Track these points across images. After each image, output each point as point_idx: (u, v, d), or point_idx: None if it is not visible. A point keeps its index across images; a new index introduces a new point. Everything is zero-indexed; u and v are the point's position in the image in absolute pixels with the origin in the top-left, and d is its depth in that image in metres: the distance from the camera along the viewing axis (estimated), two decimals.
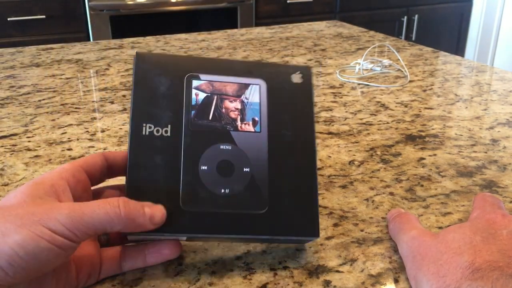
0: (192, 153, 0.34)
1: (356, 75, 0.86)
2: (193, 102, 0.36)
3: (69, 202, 0.31)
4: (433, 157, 0.55)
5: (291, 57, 0.99)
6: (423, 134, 0.61)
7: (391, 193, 0.48)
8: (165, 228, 0.33)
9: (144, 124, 0.34)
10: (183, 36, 1.20)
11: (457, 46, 3.03)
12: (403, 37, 2.78)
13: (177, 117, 0.35)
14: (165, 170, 0.34)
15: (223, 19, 2.37)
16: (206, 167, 0.34)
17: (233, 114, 0.36)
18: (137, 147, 0.34)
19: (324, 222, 0.43)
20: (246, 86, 0.37)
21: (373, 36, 1.18)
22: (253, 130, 0.36)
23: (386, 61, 0.91)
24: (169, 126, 0.35)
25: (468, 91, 0.78)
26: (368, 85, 0.81)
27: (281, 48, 1.07)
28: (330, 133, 0.62)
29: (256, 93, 0.37)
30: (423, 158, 0.55)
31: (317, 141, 0.59)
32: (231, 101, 0.36)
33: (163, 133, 0.34)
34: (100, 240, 0.37)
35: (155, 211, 0.32)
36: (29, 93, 0.79)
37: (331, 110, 0.70)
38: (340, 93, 0.77)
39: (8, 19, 2.02)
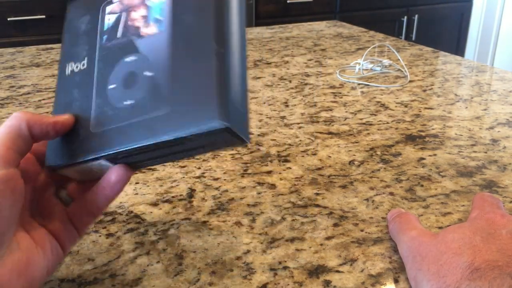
0: (103, 76, 0.34)
1: (356, 75, 0.86)
2: (106, 27, 0.35)
3: None
4: (433, 157, 0.55)
5: (291, 57, 0.99)
6: (423, 134, 0.61)
7: (391, 193, 0.48)
8: (76, 153, 0.33)
9: (67, 64, 0.35)
10: None
11: (457, 46, 3.03)
12: (403, 37, 2.78)
13: (92, 47, 0.35)
14: (80, 101, 0.34)
15: None
16: (114, 85, 0.33)
17: (138, 23, 0.34)
18: (61, 89, 0.35)
19: (324, 222, 0.43)
20: None
21: (373, 36, 1.18)
22: (156, 31, 0.33)
23: (386, 61, 0.91)
24: (86, 58, 0.35)
25: (468, 91, 0.78)
26: (368, 85, 0.81)
27: (281, 48, 1.07)
28: (330, 133, 0.62)
29: None
30: (423, 158, 0.55)
31: (317, 141, 0.60)
32: (136, 10, 0.34)
33: (81, 67, 0.35)
34: (64, 202, 0.35)
35: (58, 116, 0.32)
36: (29, 93, 0.79)
37: (331, 110, 0.70)
38: (340, 93, 0.77)
39: (8, 19, 2.02)
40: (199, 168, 0.53)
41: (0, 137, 0.29)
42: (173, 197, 0.47)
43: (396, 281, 0.36)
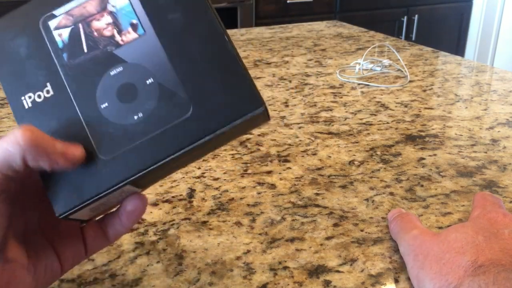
0: (85, 97, 0.30)
1: (356, 75, 0.86)
2: (60, 45, 0.30)
3: None
4: (433, 157, 0.55)
5: (291, 57, 0.99)
6: (423, 134, 0.61)
7: (391, 193, 0.48)
8: (95, 185, 0.29)
9: (23, 98, 0.30)
10: None
11: (457, 46, 3.03)
12: (403, 37, 2.78)
13: (51, 70, 0.30)
14: (66, 130, 0.29)
15: (223, 19, 2.36)
16: (106, 103, 0.29)
17: (107, 32, 0.30)
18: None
19: (324, 222, 0.43)
20: None
21: (373, 36, 1.18)
22: (136, 35, 0.30)
23: (386, 61, 0.91)
24: (48, 84, 0.30)
25: (468, 91, 0.78)
26: (368, 85, 0.81)
27: (281, 48, 1.07)
28: (330, 133, 0.62)
29: None
30: (423, 158, 0.55)
31: (317, 141, 0.60)
32: (98, 20, 0.30)
33: (45, 94, 0.30)
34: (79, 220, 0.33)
35: (68, 146, 0.27)
36: None
37: (331, 110, 0.70)
38: (340, 93, 0.77)
39: None
40: (199, 168, 0.53)
41: None
42: (173, 197, 0.47)
43: (396, 281, 0.36)
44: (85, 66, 0.30)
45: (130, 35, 0.30)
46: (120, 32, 0.30)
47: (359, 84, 0.82)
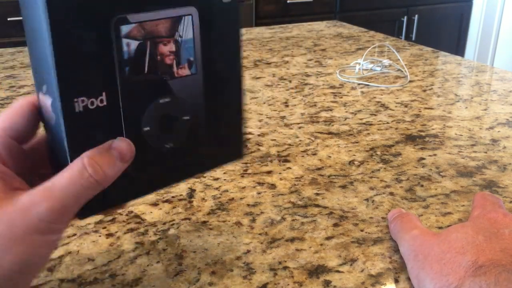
0: (133, 117, 0.30)
1: (356, 75, 0.86)
2: (125, 56, 0.29)
3: (35, 190, 0.27)
4: (433, 157, 0.55)
5: (291, 57, 0.99)
6: (423, 134, 0.61)
7: (391, 193, 0.48)
8: (116, 199, 0.31)
9: (76, 100, 0.28)
10: None
11: (457, 46, 3.03)
12: (403, 37, 2.78)
13: (110, 80, 0.29)
14: (104, 142, 0.30)
15: None
16: (148, 128, 0.31)
17: (168, 60, 0.31)
18: (73, 130, 0.28)
19: (324, 222, 0.43)
20: (179, 19, 0.31)
21: (373, 36, 1.18)
22: (189, 73, 0.32)
23: (386, 61, 0.91)
24: (104, 93, 0.29)
25: (468, 91, 0.78)
26: (368, 85, 0.81)
27: (281, 48, 1.07)
28: (330, 133, 0.62)
29: (189, 27, 0.31)
30: (423, 158, 0.55)
31: (317, 141, 0.60)
32: (165, 44, 0.31)
33: (99, 103, 0.29)
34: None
35: (119, 146, 0.29)
36: (29, 93, 0.79)
37: (331, 110, 0.70)
38: (340, 93, 0.77)
39: (8, 19, 2.02)
40: None
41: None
42: (173, 197, 0.47)
43: (396, 281, 0.36)
44: (140, 87, 0.30)
45: (185, 71, 0.32)
46: (178, 64, 0.31)
47: (359, 84, 0.82)
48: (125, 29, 0.29)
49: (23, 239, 0.25)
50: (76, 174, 0.26)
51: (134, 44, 0.29)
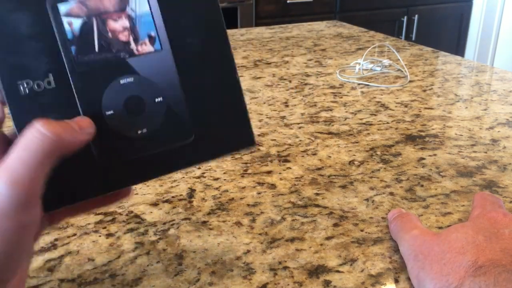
0: (90, 99, 0.28)
1: (356, 75, 0.86)
2: (69, 35, 0.28)
3: None
4: (433, 157, 0.55)
5: (291, 57, 0.99)
6: (423, 134, 0.61)
7: (391, 193, 0.48)
8: (86, 191, 0.29)
9: (19, 82, 0.27)
10: None
11: (457, 46, 3.04)
12: (403, 37, 2.78)
13: (55, 60, 0.28)
14: None
15: None
16: (112, 111, 0.29)
17: (122, 36, 0.29)
18: (21, 114, 0.27)
19: (324, 222, 0.43)
20: None
21: (373, 36, 1.18)
22: (152, 49, 0.29)
23: (386, 61, 0.91)
24: (50, 75, 0.28)
25: (468, 91, 0.78)
26: (368, 85, 0.81)
27: (281, 48, 1.07)
28: (330, 133, 0.62)
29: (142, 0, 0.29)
30: (423, 158, 0.55)
31: (317, 141, 0.60)
32: (115, 20, 0.29)
33: (46, 85, 0.28)
34: None
35: (79, 121, 0.27)
36: None
37: (331, 110, 0.70)
38: (340, 93, 0.77)
39: None
40: (199, 168, 0.53)
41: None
42: (173, 197, 0.47)
43: (396, 281, 0.36)
44: (94, 67, 0.29)
45: (146, 48, 0.29)
46: (136, 40, 0.29)
47: (359, 84, 0.82)
48: (63, 8, 0.28)
49: None
50: (29, 138, 0.24)
51: (77, 22, 0.28)
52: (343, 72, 0.89)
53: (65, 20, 0.28)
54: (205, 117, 0.30)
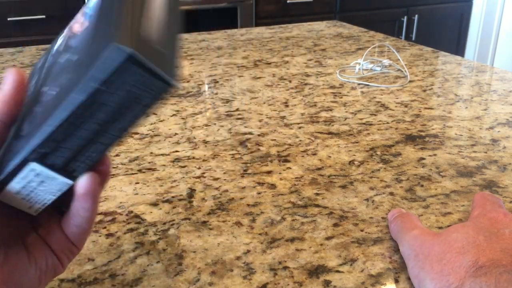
0: (37, 87, 0.29)
1: (356, 75, 0.86)
2: (53, 51, 0.31)
3: None
4: (433, 157, 0.55)
5: (291, 57, 0.99)
6: (423, 134, 0.61)
7: (391, 193, 0.48)
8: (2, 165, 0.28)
9: None
10: (183, 36, 1.20)
11: (457, 46, 3.03)
12: (403, 37, 2.78)
13: (39, 72, 0.30)
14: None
15: (223, 19, 2.37)
16: (47, 87, 0.28)
17: (73, 29, 0.30)
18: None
19: (324, 222, 0.43)
20: None
21: (373, 36, 1.18)
22: (87, 24, 0.29)
23: (386, 61, 0.91)
24: (33, 85, 0.30)
25: (468, 91, 0.78)
26: (368, 85, 0.81)
27: (281, 48, 1.07)
28: (330, 133, 0.62)
29: None
30: (423, 158, 0.55)
31: (317, 141, 0.59)
32: (76, 22, 0.30)
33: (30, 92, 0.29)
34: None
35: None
36: None
37: (331, 110, 0.70)
38: (340, 93, 0.77)
39: (8, 19, 2.02)
40: (199, 168, 0.53)
41: None
42: (173, 197, 0.47)
43: (396, 281, 0.36)
44: (52, 64, 0.29)
45: (83, 25, 0.28)
46: (78, 25, 0.29)
47: (359, 84, 0.82)
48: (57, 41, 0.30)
49: None
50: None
51: (60, 38, 0.30)
52: (343, 72, 0.89)
53: (56, 42, 0.30)
54: (90, 46, 0.26)
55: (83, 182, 0.29)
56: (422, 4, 2.81)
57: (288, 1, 2.46)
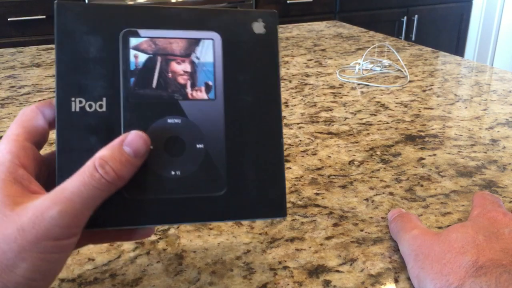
0: (135, 129, 0.29)
1: (356, 75, 0.86)
2: (132, 67, 0.29)
3: (48, 195, 0.26)
4: (432, 157, 0.55)
5: (291, 57, 0.99)
6: (423, 134, 0.61)
7: (391, 193, 0.48)
8: (109, 221, 0.29)
9: (73, 99, 0.29)
10: None
11: (457, 46, 3.03)
12: (403, 37, 2.78)
13: (113, 87, 0.29)
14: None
15: None
16: (152, 146, 0.29)
17: (181, 79, 0.30)
18: (66, 128, 0.29)
19: (324, 222, 0.43)
20: (197, 42, 0.30)
21: (373, 36, 1.18)
22: (206, 97, 0.30)
23: (386, 61, 0.91)
24: (104, 99, 0.29)
25: (468, 91, 0.78)
26: (368, 85, 0.81)
27: (281, 48, 1.07)
28: (330, 133, 0.62)
29: (209, 50, 0.31)
30: (423, 158, 0.55)
31: (317, 141, 0.60)
32: (178, 63, 0.30)
33: (97, 108, 0.29)
34: None
35: (132, 140, 0.28)
36: (29, 93, 0.79)
37: (331, 110, 0.70)
38: (340, 93, 0.77)
39: (8, 19, 2.02)
40: None
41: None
42: None
43: (396, 281, 0.36)
44: (147, 101, 0.29)
45: (201, 94, 0.30)
46: (193, 85, 0.30)
47: (359, 84, 0.82)
48: (134, 41, 0.30)
49: (36, 245, 0.25)
50: (87, 175, 0.26)
51: (142, 57, 0.30)
52: (343, 72, 0.89)
53: (132, 53, 0.30)
54: (241, 175, 0.30)
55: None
56: (422, 4, 2.81)
57: (288, 1, 2.46)
